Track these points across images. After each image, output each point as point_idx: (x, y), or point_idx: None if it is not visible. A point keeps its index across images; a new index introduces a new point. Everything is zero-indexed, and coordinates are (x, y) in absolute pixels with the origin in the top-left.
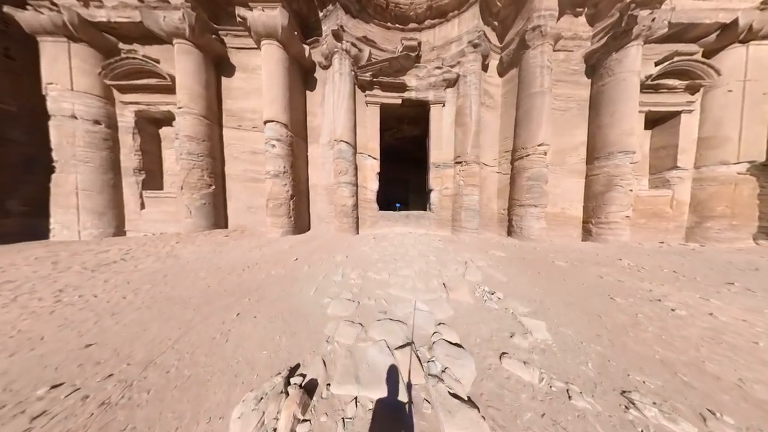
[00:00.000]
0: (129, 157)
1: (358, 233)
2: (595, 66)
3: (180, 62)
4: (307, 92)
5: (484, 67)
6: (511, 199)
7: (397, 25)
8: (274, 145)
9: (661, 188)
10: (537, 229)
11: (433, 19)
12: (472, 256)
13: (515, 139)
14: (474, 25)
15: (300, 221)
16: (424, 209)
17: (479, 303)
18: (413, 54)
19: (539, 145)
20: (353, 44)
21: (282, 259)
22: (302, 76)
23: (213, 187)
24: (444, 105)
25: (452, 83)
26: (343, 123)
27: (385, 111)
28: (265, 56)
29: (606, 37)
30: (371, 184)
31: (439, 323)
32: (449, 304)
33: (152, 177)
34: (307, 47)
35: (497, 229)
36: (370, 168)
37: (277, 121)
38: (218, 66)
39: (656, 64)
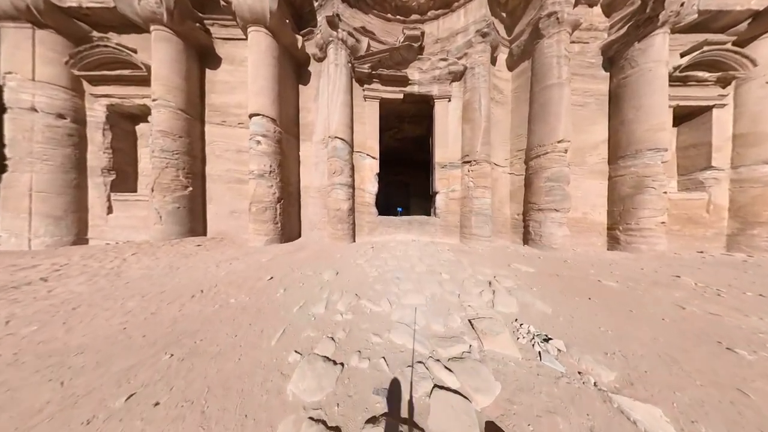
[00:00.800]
0: (97, 155)
1: (354, 241)
2: (613, 58)
3: (157, 50)
4: (300, 86)
5: (493, 61)
6: (526, 202)
7: (398, 17)
8: (259, 142)
9: (694, 191)
10: (559, 237)
11: (436, 10)
12: (493, 272)
13: (529, 136)
14: (482, 14)
15: (288, 227)
16: (427, 214)
17: (532, 361)
18: (416, 44)
19: (559, 142)
20: (350, 34)
21: (252, 278)
22: (295, 69)
23: (190, 188)
24: (450, 100)
25: (458, 76)
26: (339, 118)
27: (385, 107)
28: (251, 44)
29: (626, 27)
30: (369, 186)
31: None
32: (488, 365)
33: (124, 178)
34: (300, 38)
35: (511, 236)
36: (369, 168)
37: (264, 115)
38: (202, 57)
39: (682, 56)
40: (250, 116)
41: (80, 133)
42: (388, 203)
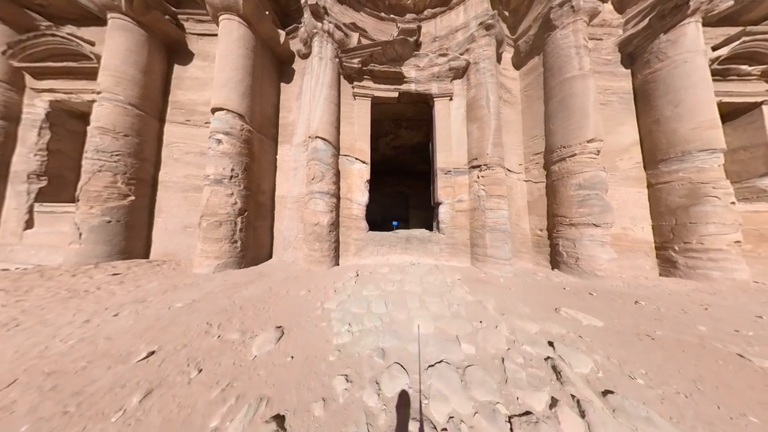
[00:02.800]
0: (26, 158)
1: (337, 264)
2: (634, 54)
3: (111, 39)
4: (283, 85)
5: (497, 58)
6: (552, 215)
7: (392, 16)
8: (220, 141)
9: (756, 200)
10: (605, 261)
11: (433, 8)
12: (538, 326)
13: (548, 137)
14: (484, 8)
15: (255, 247)
16: (429, 228)
17: None
18: (411, 39)
19: (589, 142)
20: (338, 27)
21: (110, 357)
22: (276, 66)
23: (132, 198)
24: (451, 99)
25: (461, 73)
26: (321, 115)
27: (379, 109)
28: (222, 33)
29: (647, 19)
30: (358, 195)
31: None
32: None
33: (62, 186)
34: (283, 33)
35: (533, 256)
36: (358, 174)
37: (229, 110)
38: (172, 52)
39: (714, 49)
40: (213, 111)
41: (8, 132)
42: (386, 217)
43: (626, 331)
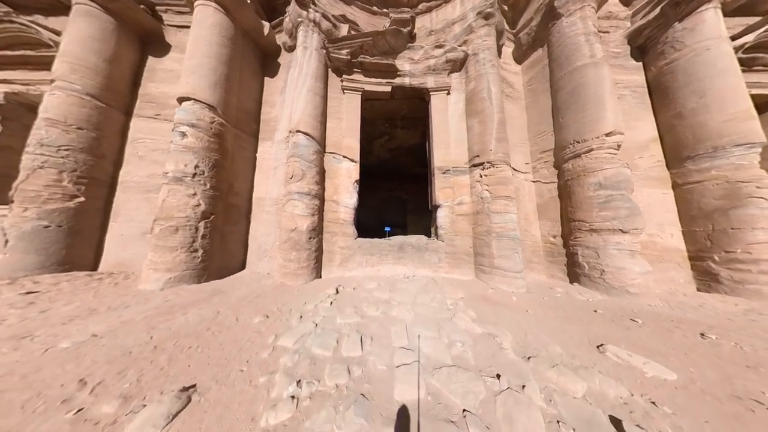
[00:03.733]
0: None
1: (319, 277)
2: (645, 45)
3: (73, 25)
4: (267, 79)
5: (498, 51)
6: (568, 220)
7: (385, 10)
8: (184, 134)
9: None
10: (638, 275)
11: (428, 2)
12: (584, 386)
13: (558, 132)
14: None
15: (222, 257)
16: (428, 235)
17: None
18: (405, 30)
19: (608, 135)
20: (325, 16)
21: None
22: (260, 59)
23: (80, 199)
24: (449, 93)
25: (458, 65)
26: (303, 107)
27: (371, 107)
28: (196, 19)
29: (657, 8)
30: (346, 197)
31: None
32: None
33: (8, 186)
34: (267, 24)
35: (546, 267)
36: (345, 174)
37: (197, 100)
38: (147, 44)
39: (733, 39)
40: (180, 100)
41: None
42: (382, 223)
43: (718, 392)
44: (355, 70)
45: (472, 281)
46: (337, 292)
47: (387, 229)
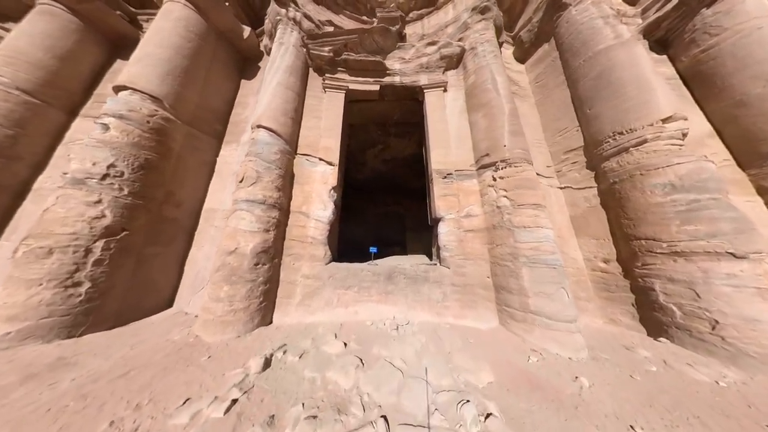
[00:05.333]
0: None
1: (269, 322)
2: (666, 38)
3: (29, 22)
4: (244, 81)
5: (498, 46)
6: (627, 237)
7: (374, 20)
8: (107, 126)
9: None
10: None
11: (419, 10)
12: None
13: (588, 125)
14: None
15: (132, 291)
16: (429, 255)
17: None
18: (394, 28)
19: (665, 121)
20: (306, 16)
21: None
22: (237, 62)
23: None
24: (446, 90)
25: (455, 61)
26: (269, 101)
27: (359, 110)
28: (161, 13)
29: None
30: (318, 208)
31: None
32: None
33: None
34: (247, 28)
35: (600, 305)
36: (320, 179)
37: (136, 89)
38: (120, 48)
39: None
40: (115, 89)
41: None
42: (379, 242)
43: None
44: (339, 69)
45: (495, 334)
46: (268, 364)
47: (372, 250)
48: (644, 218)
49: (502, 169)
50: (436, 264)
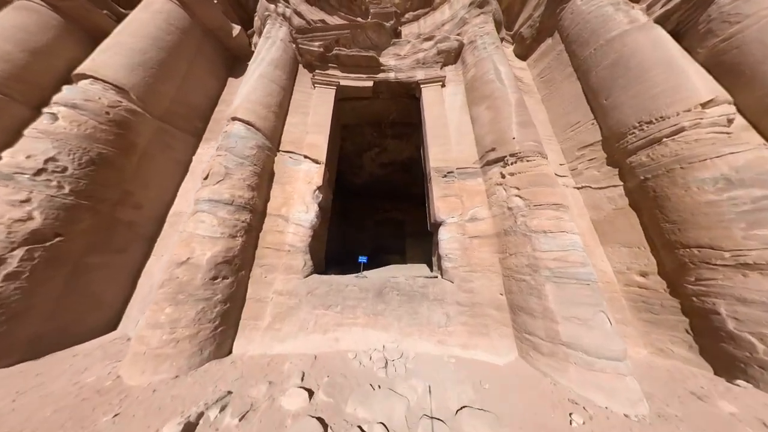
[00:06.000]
0: None
1: (227, 353)
2: (677, 31)
3: (2, 16)
4: (231, 79)
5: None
6: (670, 245)
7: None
8: (55, 116)
9: None
10: None
11: (415, 11)
12: None
13: (605, 116)
14: None
15: (59, 311)
16: (429, 264)
17: None
18: (388, 24)
19: (705, 105)
20: (298, 13)
21: None
22: (225, 60)
23: None
24: (444, 85)
25: (453, 56)
26: (248, 92)
27: (352, 108)
28: (142, 4)
29: None
30: (299, 210)
31: None
32: None
33: None
34: (237, 27)
35: (639, 328)
36: (304, 178)
37: (98, 78)
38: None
39: None
40: (75, 78)
41: None
42: (378, 250)
43: None
44: (330, 64)
45: (517, 373)
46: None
47: (361, 259)
48: (693, 221)
49: (511, 164)
50: (437, 276)
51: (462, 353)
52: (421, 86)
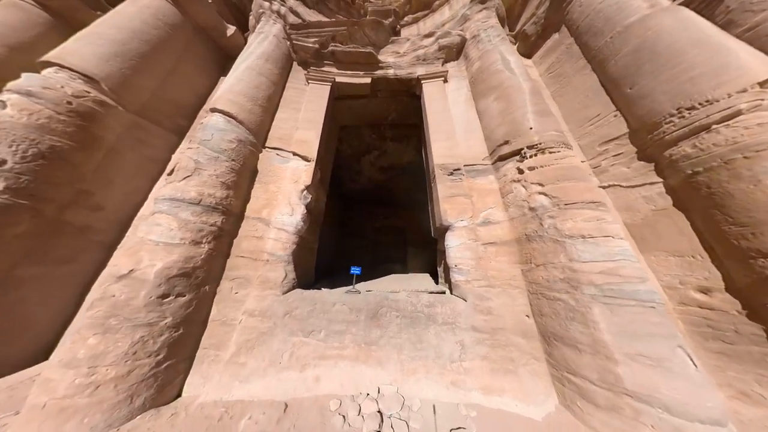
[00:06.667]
0: None
1: (178, 395)
2: (699, 8)
3: None
4: (223, 78)
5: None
6: (741, 255)
7: None
8: (4, 104)
9: None
10: None
11: (414, 13)
12: None
13: (631, 106)
14: None
15: None
16: (433, 275)
17: None
18: (387, 22)
19: (764, 84)
20: (294, 12)
21: None
22: (218, 59)
23: None
24: (446, 80)
25: (455, 52)
26: (232, 84)
27: (349, 109)
28: (129, 0)
29: None
30: (283, 213)
31: None
32: None
33: None
34: (232, 28)
35: (711, 363)
36: (291, 177)
37: (64, 66)
38: None
39: None
40: (41, 65)
41: None
42: (376, 260)
43: None
44: (326, 62)
45: (550, 420)
46: None
47: (354, 271)
48: None
49: (530, 157)
50: (444, 292)
51: (484, 400)
52: (422, 82)
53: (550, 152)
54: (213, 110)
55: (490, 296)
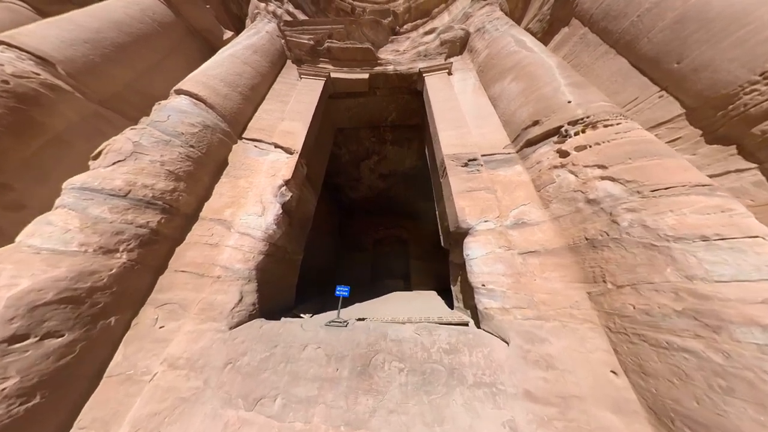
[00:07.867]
0: None
1: None
2: None
3: None
4: None
5: None
6: None
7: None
8: None
9: None
10: None
11: (413, 21)
12: None
13: (679, 83)
14: None
15: None
16: (441, 293)
17: None
18: (385, 21)
19: None
20: (289, 13)
21: None
22: None
23: None
24: (451, 73)
25: (459, 47)
26: (207, 66)
27: (347, 109)
28: None
29: None
30: (251, 213)
31: None
32: None
33: None
34: (229, 33)
35: None
36: (268, 170)
37: (12, 45)
38: None
39: None
40: None
41: None
42: (377, 274)
43: None
44: (321, 59)
45: None
46: None
47: (339, 292)
48: None
49: (575, 134)
50: (468, 324)
51: None
52: (424, 75)
53: (606, 125)
54: (178, 91)
55: (545, 335)
